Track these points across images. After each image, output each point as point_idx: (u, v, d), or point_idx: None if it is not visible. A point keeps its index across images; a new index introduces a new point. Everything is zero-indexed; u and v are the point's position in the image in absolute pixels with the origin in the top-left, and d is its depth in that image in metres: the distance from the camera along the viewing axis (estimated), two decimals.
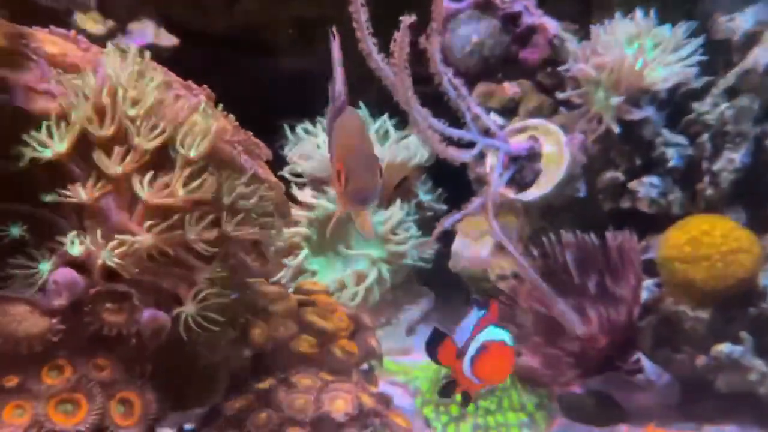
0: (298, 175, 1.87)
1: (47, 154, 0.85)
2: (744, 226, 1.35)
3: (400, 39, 1.06)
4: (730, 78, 1.43)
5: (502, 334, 0.86)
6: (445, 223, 1.40)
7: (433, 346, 0.91)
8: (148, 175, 0.89)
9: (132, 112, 0.90)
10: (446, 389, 0.93)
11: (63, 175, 0.88)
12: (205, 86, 1.17)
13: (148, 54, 0.99)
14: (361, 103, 1.89)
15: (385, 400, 1.08)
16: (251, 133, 1.20)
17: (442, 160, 1.38)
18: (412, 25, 1.01)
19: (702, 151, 1.43)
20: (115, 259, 0.85)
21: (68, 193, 0.86)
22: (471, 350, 0.87)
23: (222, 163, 1.02)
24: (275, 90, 1.87)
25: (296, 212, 1.78)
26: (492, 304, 0.94)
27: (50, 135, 0.86)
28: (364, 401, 1.02)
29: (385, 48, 1.12)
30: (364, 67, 1.16)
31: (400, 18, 1.01)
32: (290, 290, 1.38)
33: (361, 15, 0.97)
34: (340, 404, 1.01)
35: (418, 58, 1.27)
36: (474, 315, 0.93)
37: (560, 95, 1.53)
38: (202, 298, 0.92)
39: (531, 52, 1.59)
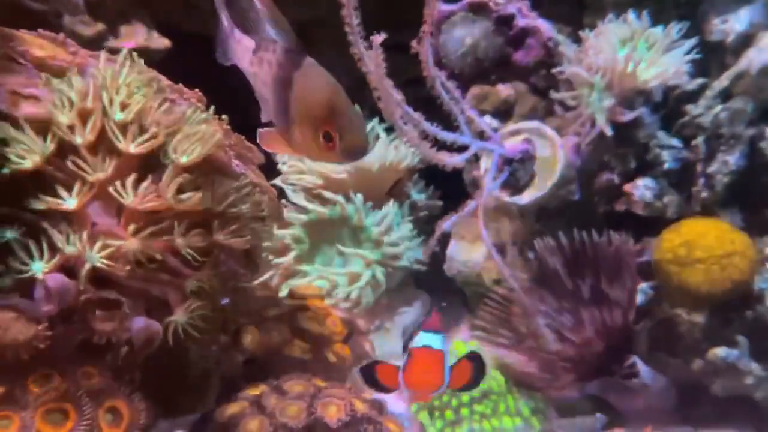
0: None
1: (27, 165, 0.84)
2: (739, 228, 1.35)
3: (376, 58, 1.03)
4: (723, 80, 1.42)
5: (428, 339, 0.80)
6: (444, 225, 1.37)
7: (372, 376, 0.86)
8: (134, 181, 0.88)
9: (119, 117, 0.88)
10: None
11: (48, 180, 0.86)
12: (196, 90, 1.16)
13: (138, 57, 0.98)
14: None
15: (378, 405, 1.07)
16: (243, 137, 1.19)
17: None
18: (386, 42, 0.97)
19: (697, 153, 1.42)
20: (103, 260, 0.84)
21: (53, 199, 0.85)
22: (402, 364, 0.81)
23: (213, 168, 1.01)
24: None
25: (288, 213, 1.77)
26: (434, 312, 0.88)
27: (31, 142, 0.84)
28: (357, 407, 1.01)
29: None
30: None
31: (371, 38, 0.96)
32: (283, 295, 1.37)
33: (353, 18, 0.95)
34: (332, 410, 1.00)
35: (412, 60, 1.26)
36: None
37: (554, 95, 1.52)
38: (193, 305, 0.91)
39: (525, 55, 1.58)
